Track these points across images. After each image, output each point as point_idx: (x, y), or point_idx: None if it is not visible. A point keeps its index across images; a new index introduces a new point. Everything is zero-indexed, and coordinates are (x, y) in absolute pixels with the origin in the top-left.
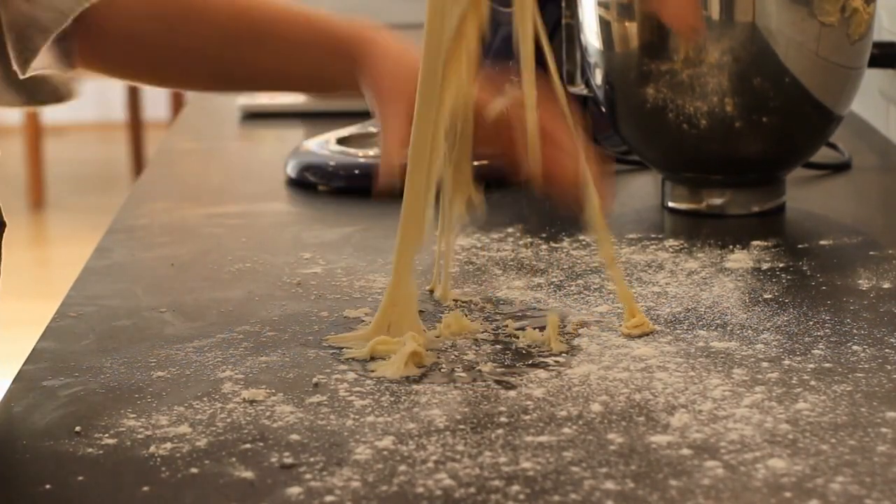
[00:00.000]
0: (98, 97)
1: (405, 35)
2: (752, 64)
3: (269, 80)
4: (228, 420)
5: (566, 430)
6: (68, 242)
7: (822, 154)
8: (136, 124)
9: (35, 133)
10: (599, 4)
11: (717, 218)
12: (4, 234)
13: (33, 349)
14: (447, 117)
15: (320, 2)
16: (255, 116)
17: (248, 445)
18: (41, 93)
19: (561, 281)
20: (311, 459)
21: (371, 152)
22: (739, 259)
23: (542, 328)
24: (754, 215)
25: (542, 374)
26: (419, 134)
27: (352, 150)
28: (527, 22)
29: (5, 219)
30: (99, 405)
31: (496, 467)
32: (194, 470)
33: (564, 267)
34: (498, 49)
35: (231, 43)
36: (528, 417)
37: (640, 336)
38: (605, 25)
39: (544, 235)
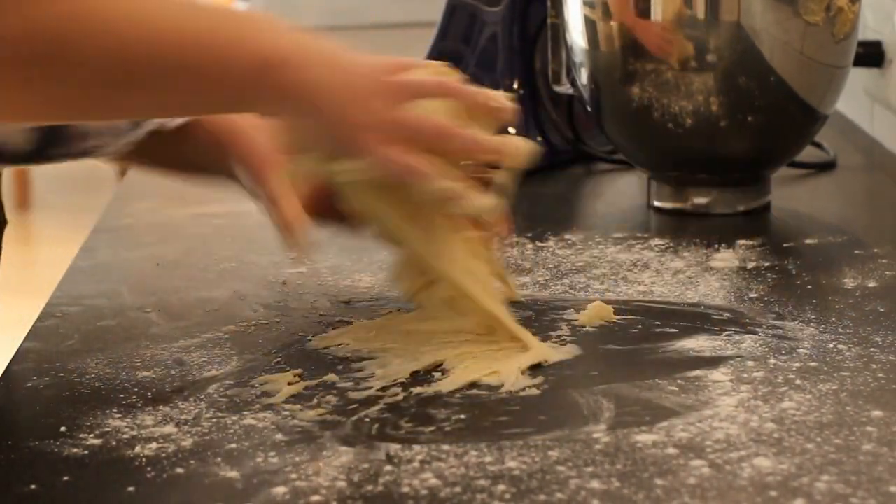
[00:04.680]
0: None
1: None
2: (738, 63)
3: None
4: (214, 420)
5: (552, 429)
6: (53, 242)
7: (808, 153)
8: None
9: None
10: (585, 4)
11: (702, 217)
12: (5, 232)
13: (18, 349)
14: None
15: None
16: None
17: (233, 445)
18: None
19: (546, 280)
20: (297, 459)
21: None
22: (725, 258)
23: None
24: (740, 214)
25: (527, 374)
26: None
27: None
28: None
29: (7, 216)
30: (84, 405)
31: (482, 466)
32: (180, 470)
33: (550, 266)
34: (483, 48)
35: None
36: (513, 417)
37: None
38: (590, 25)
39: (530, 235)
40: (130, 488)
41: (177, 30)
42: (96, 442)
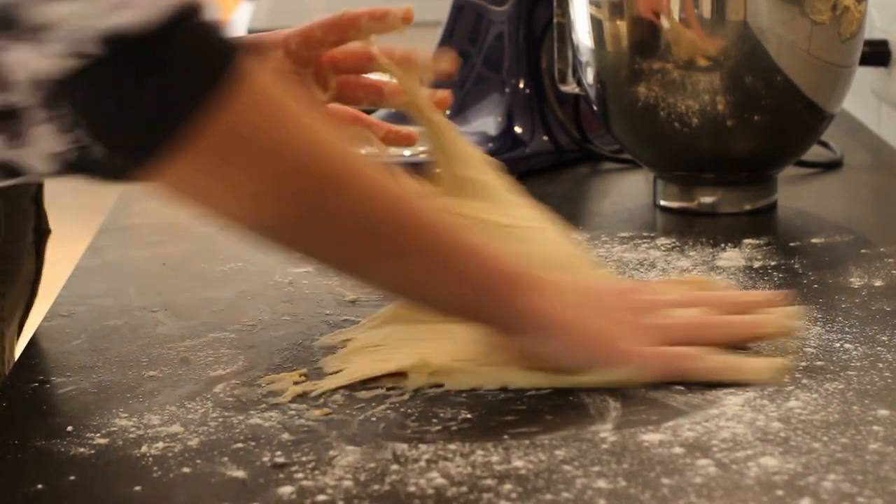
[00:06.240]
0: None
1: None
2: (744, 62)
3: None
4: (220, 419)
5: (558, 428)
6: (60, 241)
7: (814, 152)
8: None
9: None
10: (591, 3)
11: (708, 216)
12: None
13: (25, 348)
14: None
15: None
16: None
17: (239, 445)
18: None
19: None
20: (303, 458)
21: (364, 151)
22: (731, 257)
23: None
24: (746, 213)
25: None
26: None
27: None
28: None
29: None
30: (91, 405)
31: (488, 466)
32: (186, 469)
33: None
34: (490, 48)
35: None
36: (519, 416)
37: None
38: (596, 24)
39: None
40: (137, 488)
41: (422, 216)
42: (103, 441)
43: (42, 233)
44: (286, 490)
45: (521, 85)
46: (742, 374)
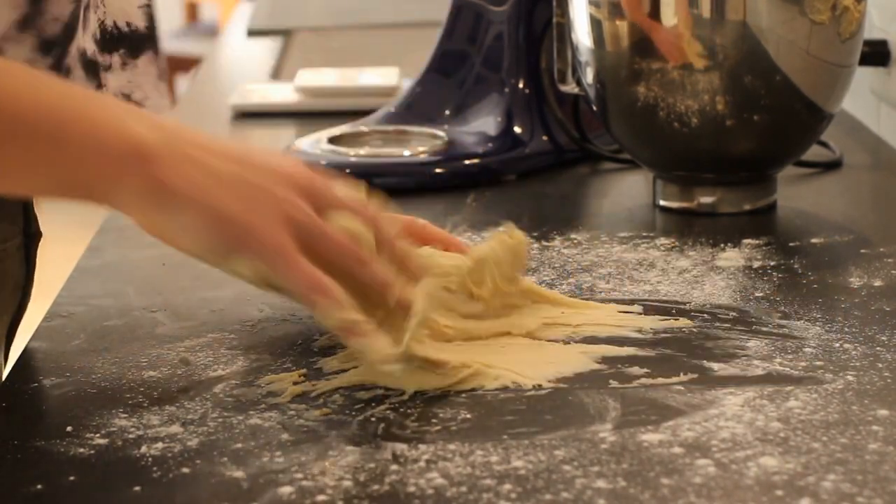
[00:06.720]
0: None
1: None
2: (743, 62)
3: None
4: (220, 420)
5: (557, 428)
6: (59, 242)
7: (814, 152)
8: None
9: None
10: (591, 3)
11: (708, 216)
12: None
13: (24, 349)
14: None
15: None
16: (246, 115)
17: (239, 445)
18: None
19: (552, 280)
20: (303, 458)
21: (362, 151)
22: (731, 257)
23: None
24: (746, 213)
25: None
26: None
27: (343, 150)
28: None
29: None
30: (90, 405)
31: (488, 466)
32: (186, 470)
33: (556, 266)
34: (490, 48)
35: None
36: (519, 416)
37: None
38: (596, 24)
39: (536, 234)
40: (136, 488)
41: (30, 95)
42: (102, 442)
43: (32, 236)
44: (286, 490)
45: (521, 85)
46: (361, 345)
